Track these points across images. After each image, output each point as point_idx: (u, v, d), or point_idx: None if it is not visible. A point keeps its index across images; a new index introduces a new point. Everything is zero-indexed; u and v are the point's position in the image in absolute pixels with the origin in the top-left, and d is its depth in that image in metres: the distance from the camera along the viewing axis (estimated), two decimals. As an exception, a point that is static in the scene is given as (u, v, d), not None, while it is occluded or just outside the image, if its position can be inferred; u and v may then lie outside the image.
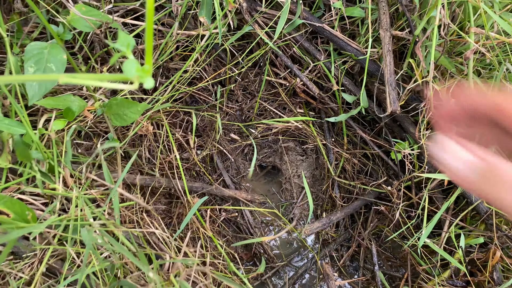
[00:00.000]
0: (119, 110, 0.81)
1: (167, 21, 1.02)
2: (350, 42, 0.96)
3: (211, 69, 1.13)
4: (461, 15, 0.88)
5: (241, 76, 1.15)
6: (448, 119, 0.39)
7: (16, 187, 0.79)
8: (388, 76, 0.86)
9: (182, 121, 1.16)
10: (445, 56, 0.85)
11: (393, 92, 0.85)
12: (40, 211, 0.79)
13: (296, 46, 1.04)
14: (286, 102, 1.18)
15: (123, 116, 0.81)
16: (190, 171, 1.18)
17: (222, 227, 1.18)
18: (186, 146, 1.13)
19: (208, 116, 1.16)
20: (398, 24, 0.93)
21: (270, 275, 1.13)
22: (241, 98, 1.20)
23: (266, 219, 1.23)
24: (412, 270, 1.04)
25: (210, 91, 1.18)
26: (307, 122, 1.19)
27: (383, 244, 1.13)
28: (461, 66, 0.90)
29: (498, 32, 0.81)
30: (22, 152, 0.71)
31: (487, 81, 0.97)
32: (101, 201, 0.85)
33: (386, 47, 0.87)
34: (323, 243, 1.19)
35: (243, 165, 1.26)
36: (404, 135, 1.03)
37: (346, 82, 1.05)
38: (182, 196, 1.01)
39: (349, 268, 1.16)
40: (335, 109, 1.13)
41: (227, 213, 1.18)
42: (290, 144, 1.24)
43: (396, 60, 1.01)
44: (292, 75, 1.13)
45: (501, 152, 0.39)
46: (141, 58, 1.04)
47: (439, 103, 0.40)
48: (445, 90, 0.44)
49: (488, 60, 0.84)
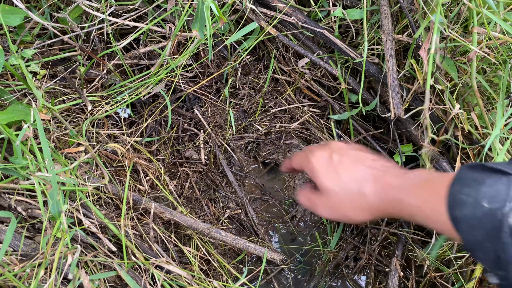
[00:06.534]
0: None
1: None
2: (349, 51, 0.95)
3: (214, 65, 1.13)
4: (465, 12, 0.86)
5: (240, 65, 1.14)
6: (290, 171, 0.78)
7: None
8: (391, 81, 0.85)
9: (184, 117, 1.17)
10: (447, 58, 0.83)
11: (396, 97, 0.83)
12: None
13: (299, 43, 1.04)
14: (293, 98, 1.18)
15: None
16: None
17: (225, 224, 1.19)
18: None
19: (212, 112, 1.16)
20: (402, 23, 0.91)
21: (276, 273, 1.14)
22: (243, 93, 1.20)
23: (270, 217, 1.23)
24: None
25: (212, 88, 1.18)
26: (312, 119, 1.18)
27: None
28: (465, 66, 0.88)
29: (501, 31, 0.79)
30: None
31: (493, 79, 0.95)
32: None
33: (388, 52, 0.86)
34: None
35: (246, 162, 1.26)
36: (408, 135, 1.03)
37: (350, 80, 1.04)
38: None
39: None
40: (343, 106, 1.12)
41: (230, 210, 1.19)
42: (294, 141, 1.24)
43: (400, 57, 1.00)
44: (295, 72, 1.12)
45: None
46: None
47: (286, 163, 0.78)
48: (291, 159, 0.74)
49: (493, 58, 0.82)
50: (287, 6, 0.97)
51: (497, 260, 0.40)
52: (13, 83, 0.89)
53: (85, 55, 0.99)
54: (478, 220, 0.41)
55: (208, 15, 0.77)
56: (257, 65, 1.17)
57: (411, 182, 0.56)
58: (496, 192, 0.41)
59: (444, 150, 1.01)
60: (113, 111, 0.97)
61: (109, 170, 0.95)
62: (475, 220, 0.41)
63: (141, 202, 0.93)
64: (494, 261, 0.40)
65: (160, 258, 0.90)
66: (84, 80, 0.99)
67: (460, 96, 0.93)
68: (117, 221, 0.87)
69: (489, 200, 0.41)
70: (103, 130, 0.99)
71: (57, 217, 0.72)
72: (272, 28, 0.99)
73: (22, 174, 0.76)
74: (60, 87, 0.96)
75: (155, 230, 0.95)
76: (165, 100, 1.05)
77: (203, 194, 1.21)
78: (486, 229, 0.40)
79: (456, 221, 0.44)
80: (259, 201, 1.25)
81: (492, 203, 0.40)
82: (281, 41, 1.05)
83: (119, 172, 0.99)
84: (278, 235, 1.21)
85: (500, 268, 0.40)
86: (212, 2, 0.75)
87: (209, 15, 0.77)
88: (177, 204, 1.04)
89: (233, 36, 0.96)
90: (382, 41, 0.90)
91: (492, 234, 0.39)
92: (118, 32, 1.05)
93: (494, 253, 0.39)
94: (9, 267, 0.72)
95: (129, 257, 0.84)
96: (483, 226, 0.41)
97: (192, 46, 0.91)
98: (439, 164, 0.95)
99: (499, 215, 0.39)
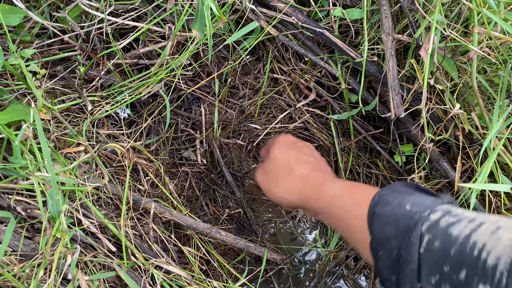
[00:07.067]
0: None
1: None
2: (349, 51, 0.95)
3: (214, 65, 1.13)
4: (466, 12, 0.86)
5: (240, 65, 1.14)
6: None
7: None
8: (391, 81, 0.84)
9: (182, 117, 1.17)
10: (448, 58, 0.83)
11: (396, 97, 0.83)
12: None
13: (299, 43, 1.03)
14: (292, 98, 1.17)
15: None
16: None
17: (225, 224, 1.19)
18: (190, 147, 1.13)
19: (210, 112, 1.16)
20: (402, 23, 0.91)
21: (275, 272, 1.14)
22: (242, 93, 1.19)
23: (269, 216, 1.23)
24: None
25: (211, 88, 1.18)
26: (312, 119, 1.18)
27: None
28: (465, 66, 0.88)
29: (501, 31, 0.79)
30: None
31: (493, 79, 0.95)
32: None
33: (388, 52, 0.86)
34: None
35: (246, 162, 1.26)
36: (409, 135, 1.02)
37: (350, 80, 1.04)
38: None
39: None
40: (343, 106, 1.12)
41: (230, 210, 1.19)
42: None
43: (400, 57, 1.00)
44: (294, 72, 1.12)
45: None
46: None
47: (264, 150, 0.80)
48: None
49: (493, 58, 0.82)
50: (287, 6, 0.96)
51: (396, 259, 0.39)
52: (13, 83, 0.88)
53: (84, 55, 0.99)
54: (394, 218, 0.41)
55: (208, 15, 0.77)
56: (257, 65, 1.16)
57: (342, 180, 0.60)
58: (421, 202, 0.42)
59: (445, 150, 1.00)
60: (113, 111, 0.97)
61: (108, 170, 0.95)
62: (392, 218, 0.42)
63: (141, 202, 0.93)
64: (393, 260, 0.39)
65: (160, 258, 0.90)
66: (84, 80, 0.99)
67: (461, 96, 0.93)
68: (117, 221, 0.87)
69: (412, 204, 0.41)
70: (103, 130, 0.99)
71: (56, 217, 0.72)
72: (272, 28, 0.99)
73: (21, 174, 0.76)
74: (59, 87, 0.96)
75: (155, 230, 0.95)
76: (164, 100, 1.05)
77: (203, 194, 1.20)
78: (399, 227, 0.40)
79: (373, 216, 0.44)
80: (259, 201, 1.25)
81: (414, 207, 0.41)
82: (281, 41, 1.04)
83: (118, 172, 0.99)
84: (278, 235, 1.21)
85: (395, 271, 0.39)
86: (212, 2, 0.75)
87: (209, 14, 0.77)
88: (177, 203, 1.03)
89: (233, 36, 0.96)
90: (382, 41, 0.90)
91: (403, 232, 0.39)
92: (118, 32, 1.05)
93: (397, 251, 0.39)
94: (8, 267, 0.72)
95: (128, 257, 0.84)
96: (397, 224, 0.41)
97: (192, 47, 0.91)
98: (439, 164, 0.95)
99: (417, 217, 0.39)
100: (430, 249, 0.36)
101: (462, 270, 0.33)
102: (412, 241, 0.38)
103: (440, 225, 0.37)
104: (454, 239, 0.35)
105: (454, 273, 0.33)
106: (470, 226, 0.35)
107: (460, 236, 0.35)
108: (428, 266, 0.36)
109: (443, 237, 0.36)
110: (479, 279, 0.31)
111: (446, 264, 0.34)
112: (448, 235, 0.36)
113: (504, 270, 0.30)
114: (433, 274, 0.35)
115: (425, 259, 0.37)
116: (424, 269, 0.36)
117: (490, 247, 0.32)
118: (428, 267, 0.36)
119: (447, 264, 0.34)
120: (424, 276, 0.36)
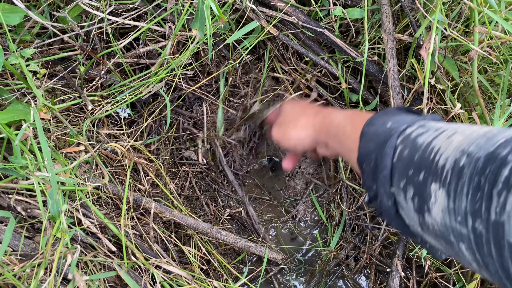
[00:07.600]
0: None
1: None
2: (349, 51, 0.95)
3: (214, 65, 1.13)
4: (467, 11, 0.86)
5: (241, 65, 1.13)
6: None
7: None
8: (392, 80, 0.84)
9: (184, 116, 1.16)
10: (448, 57, 0.83)
11: (397, 96, 0.83)
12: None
13: (299, 42, 1.03)
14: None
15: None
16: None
17: (226, 224, 1.19)
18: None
19: (212, 111, 1.15)
20: (402, 22, 0.91)
21: (276, 272, 1.14)
22: (243, 92, 1.19)
23: (270, 216, 1.23)
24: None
25: (212, 87, 1.17)
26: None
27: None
28: (466, 66, 0.88)
29: (502, 30, 0.79)
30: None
31: (494, 79, 0.95)
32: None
33: (389, 51, 0.85)
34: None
35: (247, 161, 1.26)
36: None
37: (350, 80, 1.04)
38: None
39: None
40: (343, 106, 1.12)
41: (231, 209, 1.19)
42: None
43: (400, 57, 1.00)
44: (295, 71, 1.12)
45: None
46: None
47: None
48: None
49: (494, 58, 0.82)
50: (287, 5, 0.96)
51: (374, 168, 0.43)
52: (13, 82, 0.88)
53: (85, 55, 0.99)
54: (376, 135, 0.45)
55: (208, 15, 0.77)
56: (257, 64, 1.16)
57: (347, 109, 0.66)
58: (402, 119, 0.45)
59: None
60: (113, 110, 0.97)
61: (109, 169, 0.95)
62: (375, 134, 0.46)
63: (141, 202, 0.93)
64: (372, 169, 0.43)
65: (160, 258, 0.90)
66: (84, 80, 0.99)
67: (462, 95, 0.93)
68: (117, 221, 0.87)
69: (393, 122, 0.45)
70: (103, 129, 0.99)
71: (56, 217, 0.72)
72: (273, 28, 0.98)
73: (21, 173, 0.76)
74: (60, 87, 0.96)
75: (155, 230, 0.95)
76: (164, 99, 1.05)
77: (203, 193, 1.20)
78: (378, 142, 0.44)
79: (362, 135, 0.48)
80: (259, 200, 1.25)
81: (394, 124, 0.45)
82: (282, 41, 1.04)
83: (119, 172, 0.99)
84: (278, 235, 1.20)
85: (375, 179, 0.43)
86: (212, 1, 0.75)
87: (209, 14, 0.77)
88: (177, 203, 1.03)
89: (234, 35, 0.96)
90: (383, 41, 0.90)
91: (380, 145, 0.43)
92: (118, 31, 1.04)
93: (375, 161, 0.43)
94: (8, 267, 0.72)
95: (129, 257, 0.84)
96: (377, 139, 0.45)
97: (193, 46, 0.91)
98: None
99: (393, 131, 0.43)
100: (401, 157, 0.40)
101: (421, 172, 0.36)
102: (386, 151, 0.41)
103: (411, 136, 0.41)
104: (418, 146, 0.39)
105: (415, 175, 0.37)
106: (434, 134, 0.38)
107: (424, 143, 0.38)
108: (398, 172, 0.40)
109: (411, 146, 0.40)
110: (432, 179, 0.35)
111: (411, 169, 0.38)
112: (415, 143, 0.39)
113: (449, 169, 0.33)
114: (402, 179, 0.39)
115: (396, 167, 0.40)
116: (396, 175, 0.40)
117: (443, 150, 0.35)
118: (399, 173, 0.40)
119: (412, 168, 0.38)
120: (395, 181, 0.40)
